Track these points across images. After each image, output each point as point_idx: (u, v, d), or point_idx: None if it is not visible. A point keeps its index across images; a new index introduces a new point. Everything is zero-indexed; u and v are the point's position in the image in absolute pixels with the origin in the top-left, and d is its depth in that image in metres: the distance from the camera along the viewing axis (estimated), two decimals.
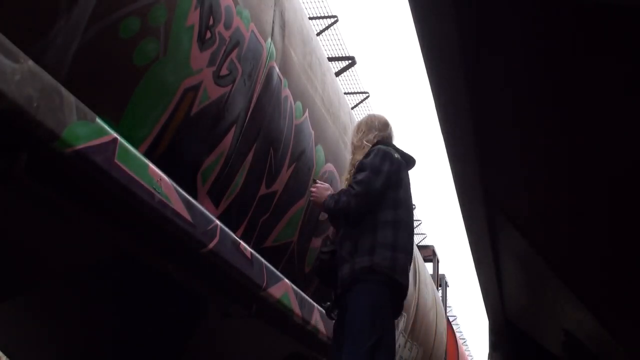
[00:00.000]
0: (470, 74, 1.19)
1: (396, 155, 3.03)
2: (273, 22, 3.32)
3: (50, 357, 3.80)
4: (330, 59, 5.63)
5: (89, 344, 3.53)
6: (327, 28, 6.00)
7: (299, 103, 3.73)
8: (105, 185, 2.14)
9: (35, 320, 3.55)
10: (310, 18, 5.05)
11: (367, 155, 3.07)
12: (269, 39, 3.24)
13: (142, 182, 2.28)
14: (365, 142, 3.17)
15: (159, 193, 2.37)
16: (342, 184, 3.53)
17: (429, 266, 12.87)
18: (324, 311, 4.18)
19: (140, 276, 3.08)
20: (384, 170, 2.92)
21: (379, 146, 3.08)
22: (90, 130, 2.02)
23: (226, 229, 2.92)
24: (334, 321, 3.32)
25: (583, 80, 1.10)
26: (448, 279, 15.47)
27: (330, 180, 4.31)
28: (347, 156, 4.79)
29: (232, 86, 2.90)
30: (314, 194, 3.14)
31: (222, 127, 2.89)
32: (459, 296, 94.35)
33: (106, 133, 2.10)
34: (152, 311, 3.31)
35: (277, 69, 3.36)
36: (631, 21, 0.89)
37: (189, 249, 2.70)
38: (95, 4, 2.05)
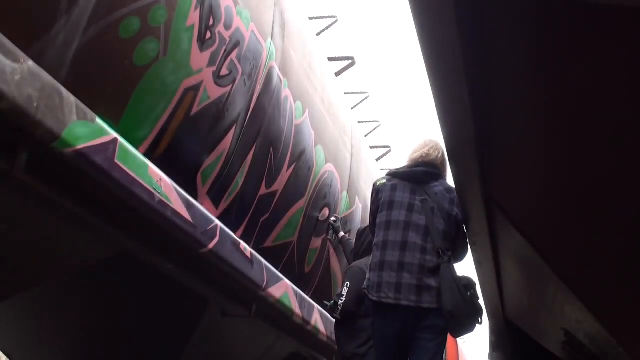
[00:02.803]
0: (470, 73, 1.19)
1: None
2: (273, 22, 3.32)
3: (50, 357, 3.80)
4: (330, 59, 5.62)
5: (89, 343, 3.53)
6: (327, 28, 5.98)
7: (299, 103, 3.73)
8: (105, 185, 2.14)
9: (35, 320, 3.55)
10: (310, 18, 5.05)
11: None
12: (269, 39, 3.24)
13: (142, 182, 2.28)
14: None
15: (159, 193, 2.37)
16: None
17: None
18: (324, 311, 4.19)
19: (140, 276, 3.08)
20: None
21: None
22: (90, 130, 2.01)
23: (226, 229, 2.92)
24: (335, 321, 3.36)
25: (584, 81, 1.10)
26: None
27: (330, 180, 4.31)
28: (348, 156, 4.79)
29: (232, 86, 2.90)
30: None
31: (222, 127, 2.89)
32: None
33: (106, 133, 2.10)
34: (152, 311, 3.31)
35: (277, 69, 3.36)
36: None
37: (189, 249, 2.70)
38: (95, 4, 2.05)
